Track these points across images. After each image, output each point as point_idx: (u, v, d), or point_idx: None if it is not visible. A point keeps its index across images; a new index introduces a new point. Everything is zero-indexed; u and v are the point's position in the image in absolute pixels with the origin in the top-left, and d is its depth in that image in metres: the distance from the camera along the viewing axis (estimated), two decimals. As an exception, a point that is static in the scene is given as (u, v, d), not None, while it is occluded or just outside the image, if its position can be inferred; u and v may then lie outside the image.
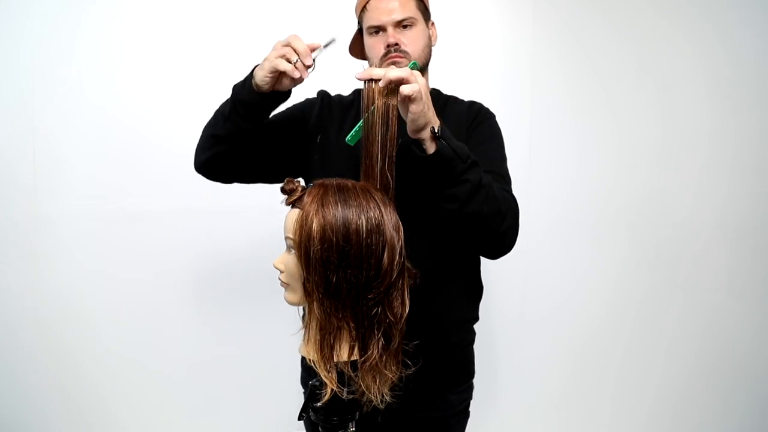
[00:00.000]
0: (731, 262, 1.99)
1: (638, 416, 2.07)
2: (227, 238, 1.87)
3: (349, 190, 0.86)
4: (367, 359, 0.86)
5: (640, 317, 2.04)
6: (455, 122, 1.14)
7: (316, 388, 0.88)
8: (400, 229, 0.88)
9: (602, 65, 1.98)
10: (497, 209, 0.98)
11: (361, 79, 0.91)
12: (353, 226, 0.83)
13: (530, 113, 1.98)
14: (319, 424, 0.91)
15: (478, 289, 1.21)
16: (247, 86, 1.00)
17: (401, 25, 1.10)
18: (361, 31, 1.18)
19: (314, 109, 1.19)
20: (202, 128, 1.11)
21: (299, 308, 0.92)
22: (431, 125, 0.91)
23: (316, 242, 0.83)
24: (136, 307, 1.84)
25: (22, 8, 1.72)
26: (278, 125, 1.14)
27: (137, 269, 1.83)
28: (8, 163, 1.75)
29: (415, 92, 0.86)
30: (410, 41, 1.09)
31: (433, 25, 1.19)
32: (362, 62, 1.20)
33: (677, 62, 1.96)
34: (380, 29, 1.10)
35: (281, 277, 0.91)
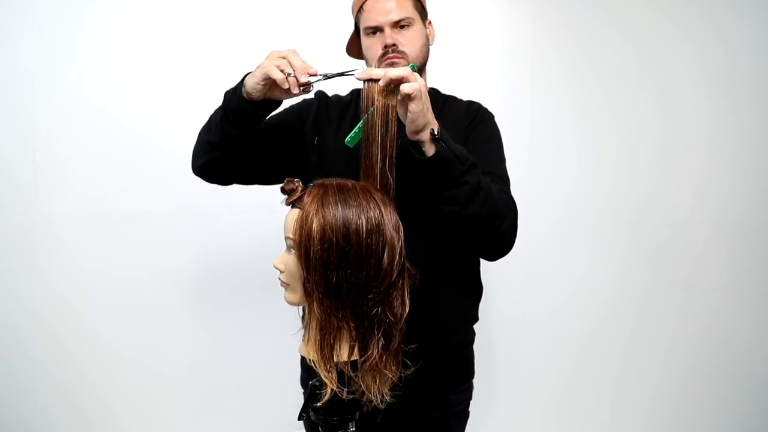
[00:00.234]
0: (731, 262, 1.99)
1: (638, 416, 2.07)
2: (227, 238, 1.87)
3: (349, 190, 0.86)
4: (367, 359, 0.86)
5: (640, 317, 2.04)
6: (454, 122, 1.14)
7: (316, 388, 0.88)
8: (400, 229, 0.88)
9: (602, 65, 1.98)
10: (496, 211, 0.98)
11: (360, 79, 0.91)
12: (353, 226, 0.83)
13: (530, 113, 1.98)
14: (319, 424, 0.91)
15: (477, 289, 1.21)
16: (237, 94, 1.00)
17: (398, 25, 1.09)
18: (358, 31, 1.17)
19: (311, 110, 1.18)
20: (199, 130, 1.11)
21: (299, 308, 0.92)
22: (430, 127, 0.91)
23: (316, 242, 0.83)
24: (135, 307, 1.84)
25: (22, 8, 1.72)
26: (275, 128, 1.13)
27: (137, 269, 1.83)
28: (8, 163, 1.75)
29: (415, 90, 0.86)
30: (408, 41, 1.09)
31: (430, 24, 1.18)
32: (360, 62, 1.19)
33: (677, 62, 1.96)
34: (377, 30, 1.10)
35: (281, 277, 0.91)
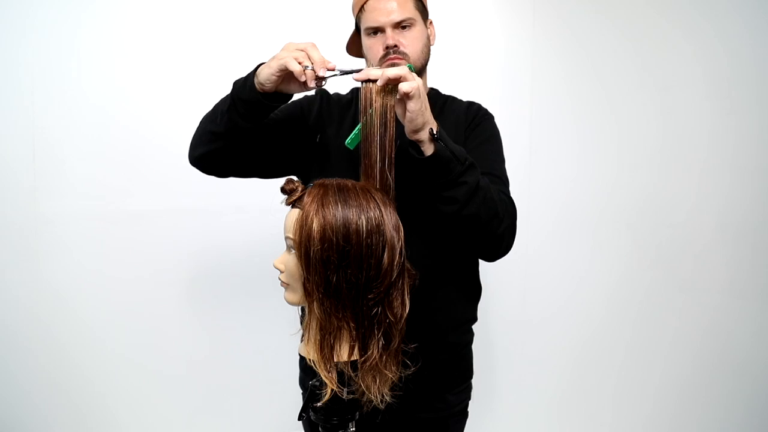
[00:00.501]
0: (731, 262, 1.99)
1: (638, 417, 2.07)
2: (227, 238, 1.87)
3: (349, 190, 0.86)
4: (367, 359, 0.86)
5: (640, 317, 2.04)
6: (453, 122, 1.14)
7: (316, 388, 0.88)
8: (400, 229, 0.88)
9: (602, 65, 1.98)
10: (495, 212, 0.98)
11: (358, 80, 0.91)
12: (353, 226, 0.83)
13: (530, 113, 1.98)
14: (319, 424, 0.91)
15: (476, 289, 1.21)
16: (248, 84, 0.97)
17: (400, 26, 1.08)
18: (358, 30, 1.17)
19: (314, 107, 1.18)
20: (200, 119, 1.09)
21: (298, 308, 0.92)
22: (429, 126, 0.91)
23: (316, 242, 0.83)
24: (135, 307, 1.84)
25: (22, 8, 1.72)
26: (278, 122, 1.12)
27: (137, 269, 1.83)
28: (8, 163, 1.75)
29: (413, 89, 0.86)
30: (409, 42, 1.09)
31: (431, 24, 1.18)
32: (360, 60, 1.19)
33: (677, 62, 1.96)
34: (379, 30, 1.09)
35: (281, 277, 0.91)
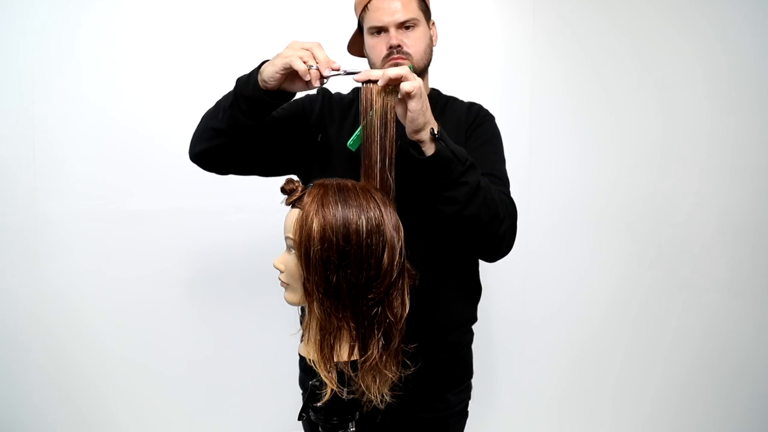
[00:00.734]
0: (731, 262, 1.99)
1: (638, 417, 2.07)
2: (227, 238, 1.87)
3: (349, 190, 0.86)
4: (367, 359, 0.86)
5: (640, 317, 2.04)
6: (454, 123, 1.14)
7: (316, 388, 0.88)
8: (400, 229, 0.88)
9: (602, 65, 1.98)
10: (495, 212, 0.97)
11: (359, 81, 0.91)
12: (353, 226, 0.83)
13: (530, 113, 1.98)
14: (319, 424, 0.91)
15: (476, 289, 1.21)
16: (252, 81, 0.96)
17: (404, 26, 1.08)
18: (360, 29, 1.17)
19: (315, 106, 1.17)
20: (202, 115, 1.09)
21: (298, 308, 0.92)
22: (430, 126, 0.91)
23: (316, 242, 0.83)
24: (135, 307, 1.84)
25: (22, 8, 1.72)
26: (279, 120, 1.11)
27: (137, 269, 1.83)
28: (8, 163, 1.75)
29: (415, 88, 0.86)
30: (412, 42, 1.08)
31: (433, 24, 1.18)
32: (363, 60, 1.19)
33: (677, 62, 1.96)
34: (382, 30, 1.09)
35: (281, 277, 0.91)
